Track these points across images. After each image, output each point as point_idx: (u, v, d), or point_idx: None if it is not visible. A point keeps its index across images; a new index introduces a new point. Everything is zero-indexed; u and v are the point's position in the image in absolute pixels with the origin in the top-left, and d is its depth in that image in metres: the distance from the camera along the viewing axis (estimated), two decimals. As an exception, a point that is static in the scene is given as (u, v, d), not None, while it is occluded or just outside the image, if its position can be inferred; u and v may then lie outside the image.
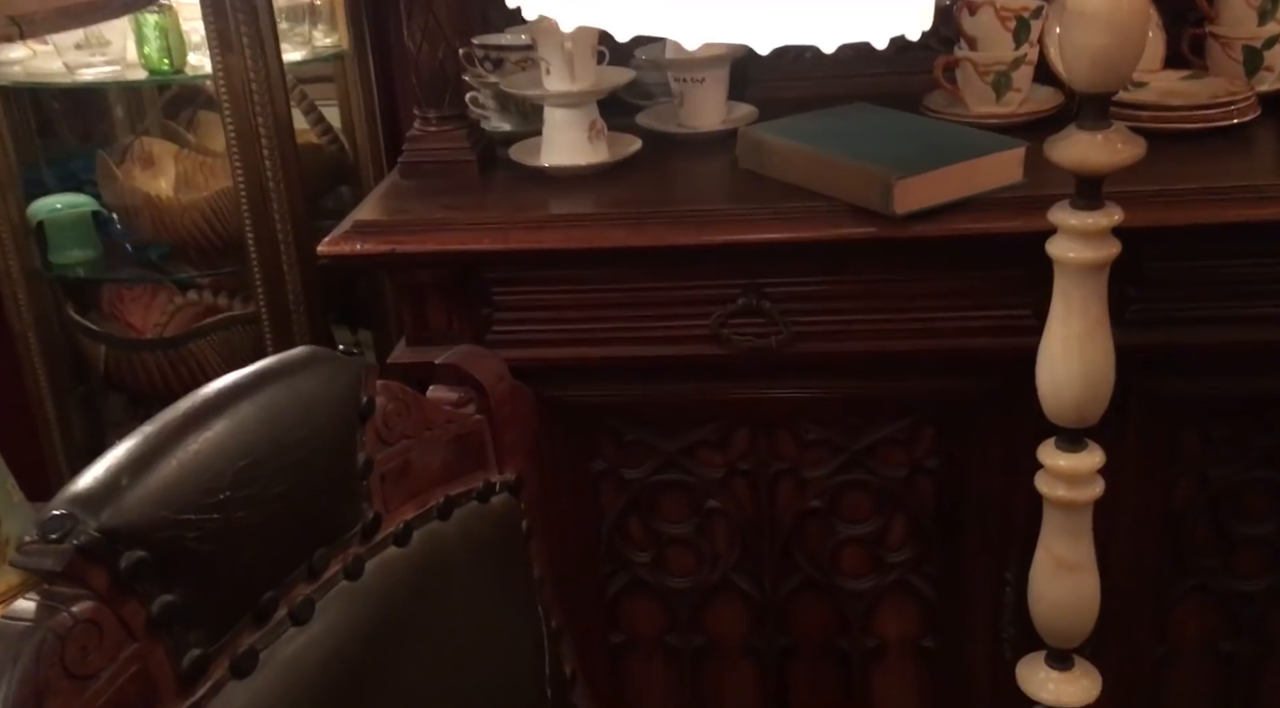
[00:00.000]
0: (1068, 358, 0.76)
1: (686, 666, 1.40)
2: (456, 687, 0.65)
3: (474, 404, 0.74)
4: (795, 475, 1.30)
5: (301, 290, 1.60)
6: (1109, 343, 0.78)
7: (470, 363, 0.74)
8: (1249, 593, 1.27)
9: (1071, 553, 0.79)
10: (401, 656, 0.62)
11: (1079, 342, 0.76)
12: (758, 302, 1.14)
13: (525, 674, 0.72)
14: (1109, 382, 0.79)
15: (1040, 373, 0.81)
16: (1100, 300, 0.77)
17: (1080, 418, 0.78)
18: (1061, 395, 0.78)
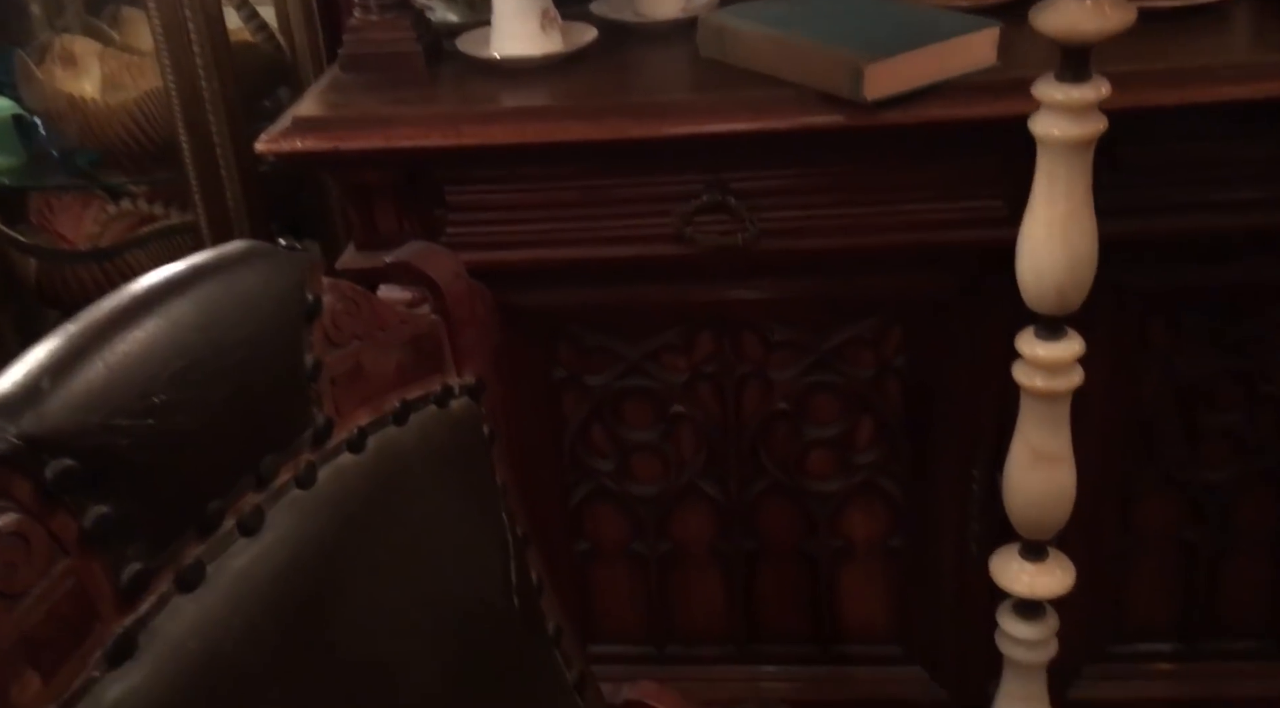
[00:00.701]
0: (1050, 242, 0.73)
1: (653, 572, 1.39)
2: (419, 596, 0.62)
3: (428, 304, 0.69)
4: (761, 378, 1.28)
5: (242, 197, 1.53)
6: (1093, 225, 0.75)
7: (423, 260, 0.69)
8: (1214, 483, 1.27)
9: (1049, 444, 0.77)
10: (360, 565, 0.59)
11: (1063, 224, 0.73)
12: (723, 197, 1.09)
13: (491, 582, 0.69)
14: (1092, 266, 0.77)
15: (1021, 258, 0.77)
16: (1085, 180, 0.74)
17: (1062, 304, 0.76)
18: (1043, 281, 0.75)
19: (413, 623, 0.62)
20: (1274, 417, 1.23)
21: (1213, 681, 1.37)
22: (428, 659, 0.63)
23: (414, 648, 0.62)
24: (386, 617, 0.60)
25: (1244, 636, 1.35)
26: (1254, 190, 1.06)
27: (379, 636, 0.59)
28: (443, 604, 0.64)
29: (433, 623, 0.63)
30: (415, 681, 0.61)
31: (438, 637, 0.64)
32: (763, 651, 1.43)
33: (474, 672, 0.66)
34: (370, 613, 0.59)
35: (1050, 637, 0.84)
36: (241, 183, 1.54)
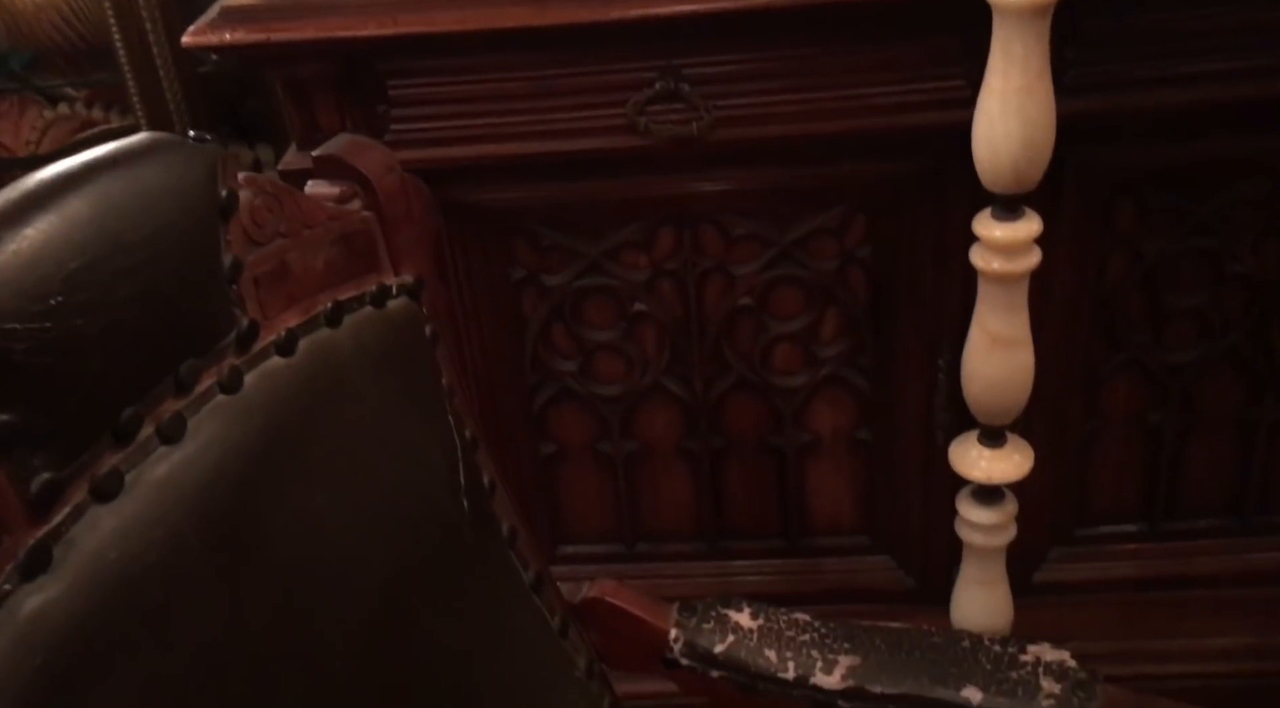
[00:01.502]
0: (1005, 116, 0.70)
1: (620, 472, 1.39)
2: (360, 500, 0.60)
3: (359, 200, 0.66)
4: (723, 273, 1.25)
5: (183, 100, 1.48)
6: (1050, 99, 0.72)
7: (352, 153, 0.66)
8: (1178, 365, 1.27)
9: (1007, 328, 0.76)
10: (293, 471, 0.57)
11: (1018, 97, 0.70)
12: (676, 85, 1.05)
13: (437, 486, 0.67)
14: (1049, 141, 0.74)
15: (976, 134, 0.75)
16: (1042, 50, 0.71)
17: (1018, 182, 0.73)
18: (999, 157, 0.72)
19: (353, 527, 0.60)
20: (1240, 296, 1.22)
21: (1177, 559, 1.39)
22: (371, 563, 0.61)
23: (356, 552, 0.60)
24: (325, 522, 0.59)
25: (1207, 514, 1.37)
26: (1224, 61, 1.02)
27: (317, 541, 0.58)
28: (385, 508, 0.63)
29: (375, 527, 0.62)
30: (359, 585, 0.60)
31: (381, 540, 0.62)
32: (732, 546, 1.44)
33: (421, 574, 0.65)
34: (307, 519, 0.58)
35: (1009, 521, 0.84)
36: (182, 84, 1.48)
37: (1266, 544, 1.37)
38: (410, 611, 0.64)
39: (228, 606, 0.52)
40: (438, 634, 0.66)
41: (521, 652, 0.76)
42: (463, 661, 0.68)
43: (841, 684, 0.76)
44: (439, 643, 0.66)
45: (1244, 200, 1.16)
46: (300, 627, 0.56)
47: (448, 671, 0.67)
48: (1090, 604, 1.40)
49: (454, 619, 0.68)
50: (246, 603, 0.53)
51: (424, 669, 0.65)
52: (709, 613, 0.82)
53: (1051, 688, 0.72)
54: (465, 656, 0.69)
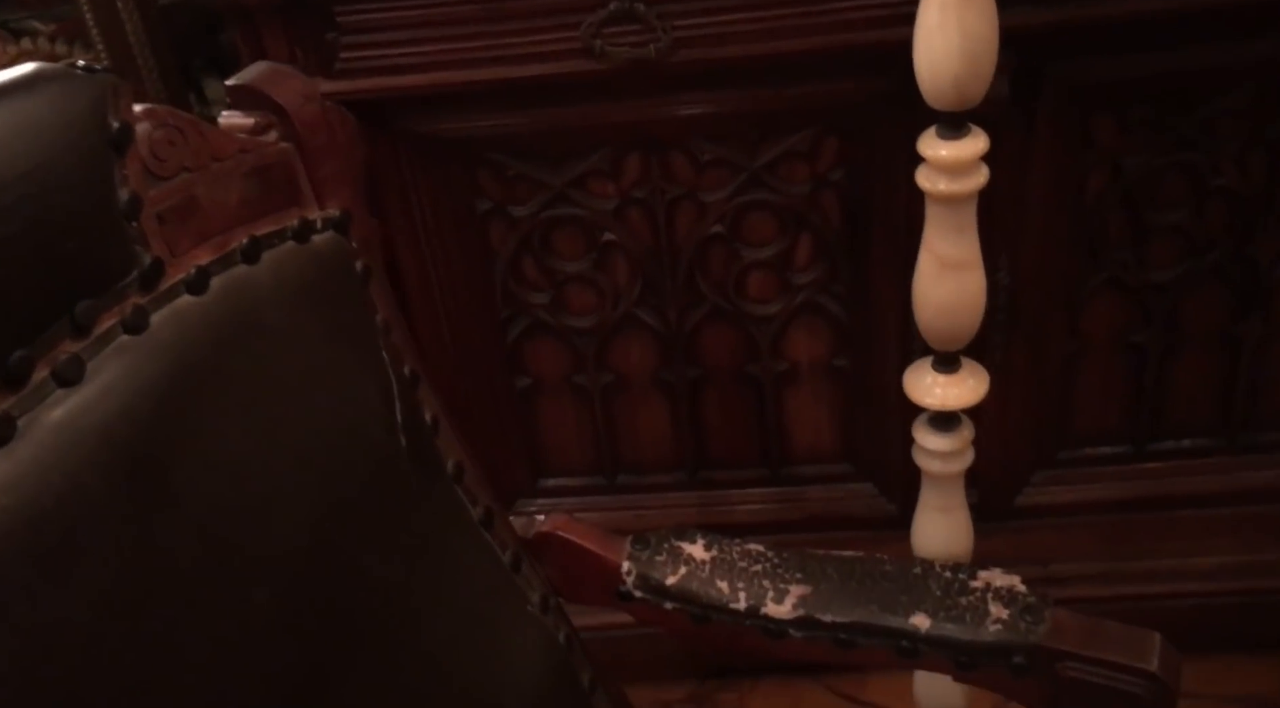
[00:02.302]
0: (944, 29, 0.67)
1: (597, 404, 1.38)
2: (281, 437, 0.59)
3: (277, 131, 0.64)
4: (693, 200, 1.23)
5: (145, 34, 1.44)
6: (991, 8, 0.69)
7: (267, 82, 0.63)
8: (1161, 283, 1.24)
9: (956, 250, 0.73)
10: (208, 410, 0.56)
11: (957, 7, 0.67)
12: (631, 5, 1.02)
13: (369, 423, 0.66)
14: (992, 54, 0.71)
15: (916, 49, 0.72)
16: (983, -47, 0.67)
17: (961, 98, 0.70)
18: (939, 73, 0.69)
19: (276, 464, 0.59)
20: (1223, 210, 1.19)
21: (1161, 480, 1.38)
22: (298, 499, 0.60)
23: (281, 489, 0.59)
24: (245, 460, 0.57)
25: (1193, 434, 1.35)
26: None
27: (237, 479, 0.57)
28: (312, 444, 0.62)
29: (301, 463, 0.61)
30: (285, 522, 0.59)
31: (308, 477, 0.61)
32: (713, 476, 1.43)
33: (354, 509, 0.64)
34: (224, 457, 0.56)
35: (966, 447, 0.82)
36: (142, 17, 1.45)
37: (1253, 462, 1.35)
38: (343, 546, 0.63)
39: (137, 547, 0.51)
40: (375, 569, 0.65)
41: (470, 587, 0.76)
42: (403, 595, 0.68)
43: (792, 614, 0.76)
44: (376, 577, 0.65)
45: (1227, 111, 1.12)
46: (221, 565, 0.55)
47: (386, 605, 0.66)
48: (1075, 526, 1.40)
49: (393, 554, 0.67)
50: (160, 544, 0.53)
51: (360, 604, 0.64)
52: (662, 545, 0.81)
53: (1000, 613, 0.71)
54: (406, 590, 0.68)
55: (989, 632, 0.70)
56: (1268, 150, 1.14)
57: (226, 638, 0.55)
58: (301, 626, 0.60)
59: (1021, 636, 0.69)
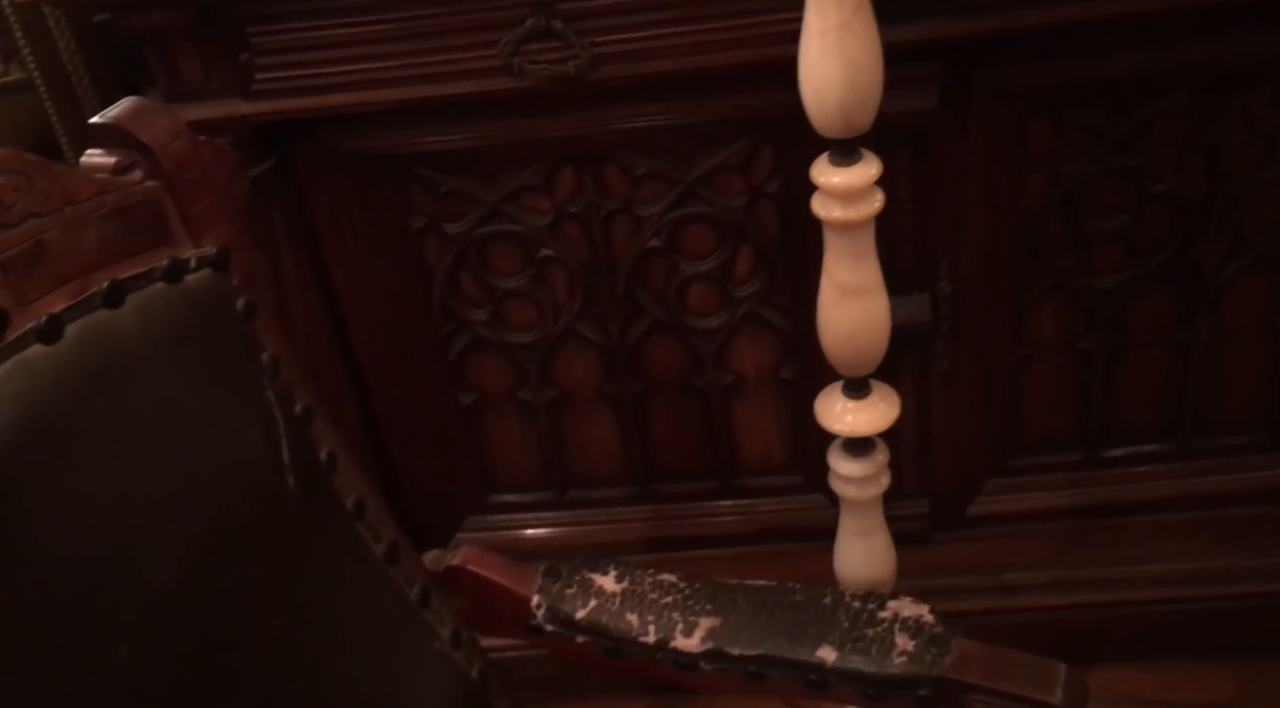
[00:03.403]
0: (825, 58, 0.65)
1: (543, 419, 1.36)
2: (148, 485, 0.58)
3: (142, 170, 0.62)
4: (630, 214, 1.21)
5: (78, 51, 1.42)
6: (872, 35, 0.67)
7: (131, 120, 0.61)
8: (1105, 289, 1.22)
9: (855, 277, 0.72)
10: (62, 461, 0.54)
11: (837, 37, 0.65)
12: (548, 22, 1.00)
13: (250, 465, 0.64)
14: (876, 81, 0.69)
15: (801, 80, 0.70)
16: (860, -21, 0.65)
17: (848, 126, 0.68)
18: (824, 102, 0.67)
19: (141, 516, 0.58)
20: (1164, 215, 1.17)
21: (1113, 486, 1.36)
22: (167, 551, 0.59)
23: (147, 540, 0.58)
24: (103, 514, 0.56)
25: (1142, 439, 1.34)
26: (1122, -28, 0.97)
27: (95, 534, 0.55)
28: (182, 493, 0.60)
29: (170, 514, 0.59)
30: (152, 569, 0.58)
31: (179, 527, 0.60)
32: (664, 490, 1.42)
33: (231, 554, 0.62)
34: (79, 513, 0.55)
35: (880, 472, 0.81)
36: (75, 35, 1.42)
37: (1204, 467, 1.34)
38: (221, 592, 0.61)
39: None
40: (258, 614, 0.64)
41: (373, 626, 0.74)
42: (293, 639, 0.66)
43: (701, 647, 0.74)
44: (260, 623, 0.64)
45: (1162, 115, 1.11)
46: (79, 620, 0.54)
47: (273, 651, 0.65)
48: (1028, 535, 1.38)
49: (280, 598, 0.66)
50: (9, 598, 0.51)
51: (241, 651, 0.63)
52: (573, 577, 0.80)
53: (905, 645, 0.69)
54: (296, 634, 0.66)
55: (894, 664, 0.69)
56: (1205, 153, 1.13)
57: (85, 695, 0.54)
58: (173, 676, 0.58)
59: (927, 668, 0.68)
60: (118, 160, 0.61)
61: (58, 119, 1.44)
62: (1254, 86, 1.08)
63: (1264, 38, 1.04)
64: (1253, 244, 1.18)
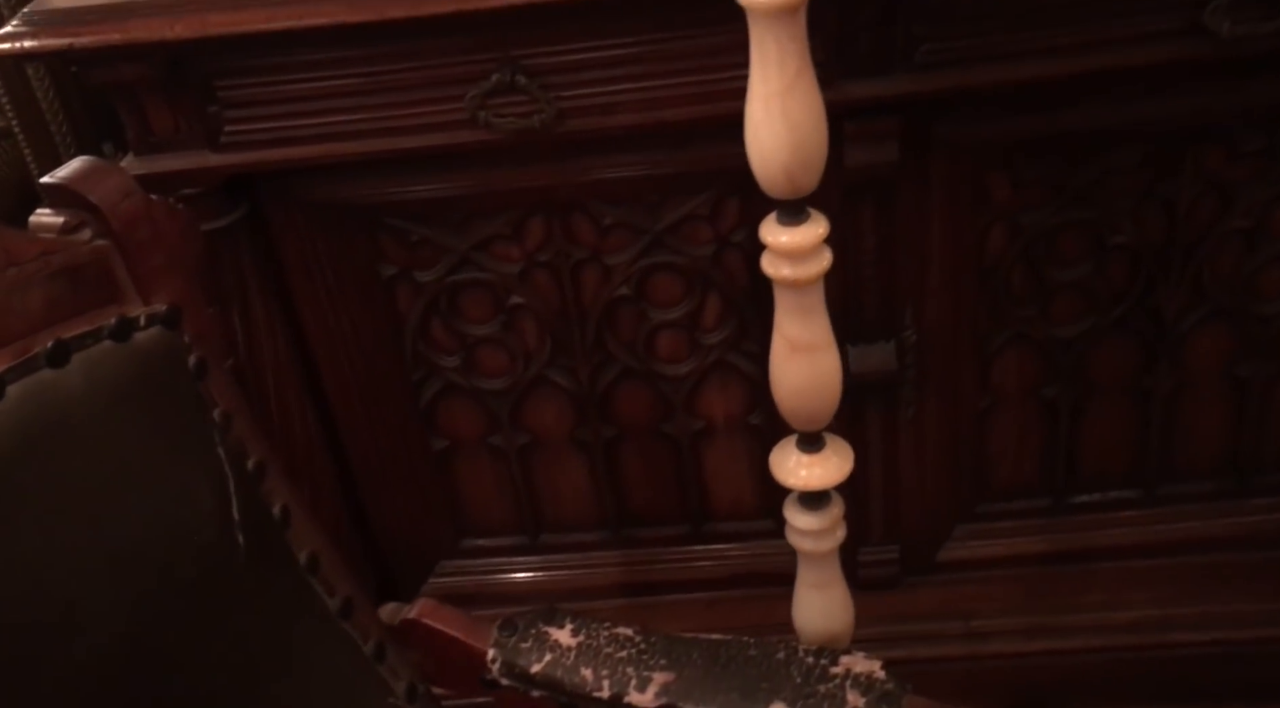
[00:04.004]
0: (769, 121, 0.67)
1: (515, 465, 1.37)
2: (89, 545, 0.58)
3: (91, 229, 0.63)
4: (598, 262, 1.22)
5: (57, 99, 1.44)
6: (815, 99, 0.69)
7: (81, 181, 0.63)
8: (1067, 338, 1.24)
9: (805, 334, 0.73)
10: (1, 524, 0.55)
11: (780, 100, 0.66)
12: (513, 77, 1.02)
13: (197, 523, 0.65)
14: (820, 143, 0.70)
15: (747, 141, 0.71)
16: (799, 49, 0.67)
17: (793, 188, 0.70)
18: (769, 164, 0.69)
19: (80, 577, 0.58)
20: (1124, 266, 1.19)
21: (1080, 532, 1.37)
22: (107, 610, 0.59)
23: (86, 600, 0.58)
24: (40, 574, 0.56)
25: (1108, 486, 1.35)
26: (1076, 34, 0.98)
27: (30, 594, 0.55)
28: (125, 552, 0.60)
29: (112, 573, 0.60)
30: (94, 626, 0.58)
31: (121, 586, 0.60)
32: (636, 534, 1.42)
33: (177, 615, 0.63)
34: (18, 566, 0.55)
35: (836, 525, 0.82)
36: (55, 86, 1.44)
37: (1171, 514, 1.35)
38: (165, 650, 0.62)
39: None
40: (203, 672, 0.64)
41: (326, 681, 0.74)
42: (241, 696, 0.66)
43: (655, 703, 0.75)
44: (205, 681, 0.64)
45: (1117, 168, 1.13)
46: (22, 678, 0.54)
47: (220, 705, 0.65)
48: (996, 580, 1.39)
49: (227, 654, 0.66)
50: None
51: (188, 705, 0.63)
52: (529, 631, 0.80)
53: (856, 701, 0.70)
54: (245, 691, 0.67)
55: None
56: (1162, 206, 1.14)
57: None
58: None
59: (875, 725, 0.68)
60: (65, 220, 0.62)
61: (36, 168, 1.45)
62: (1206, 141, 1.10)
63: (1213, 95, 1.06)
64: (1211, 294, 1.19)
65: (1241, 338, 1.22)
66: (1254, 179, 1.12)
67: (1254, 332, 1.22)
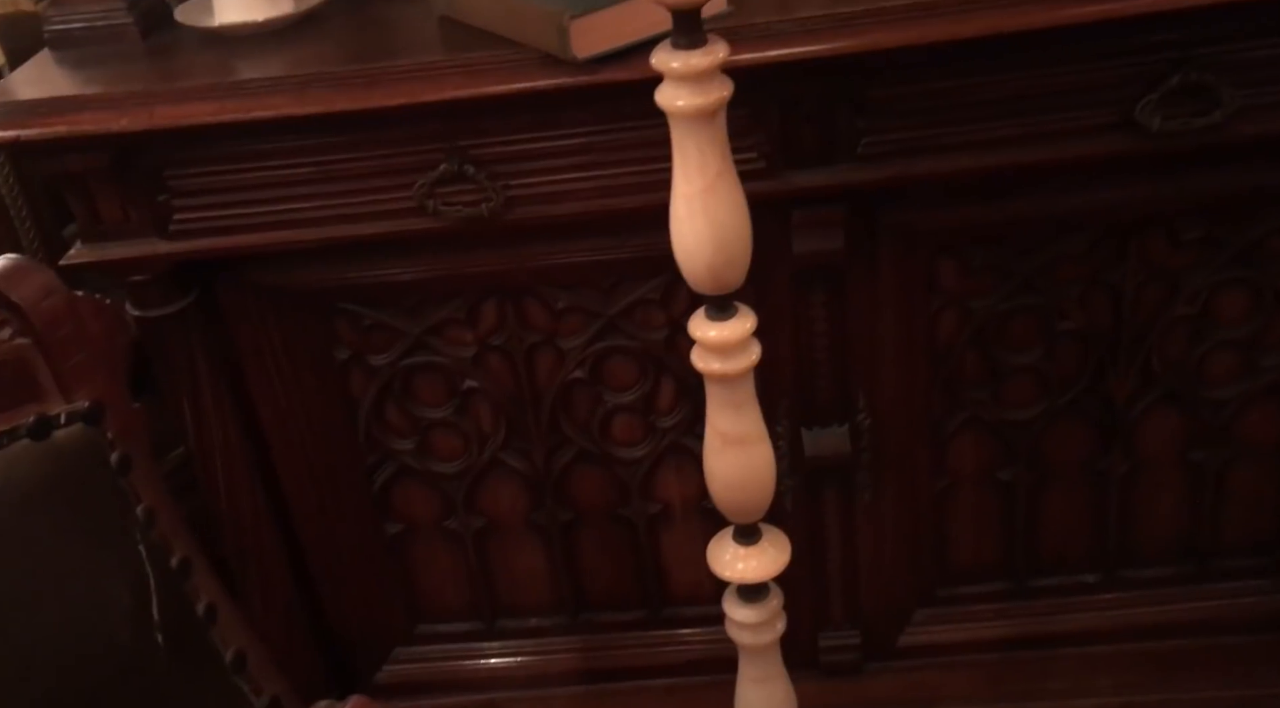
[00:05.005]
0: (692, 220, 0.68)
1: (470, 549, 1.35)
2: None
3: (11, 328, 0.63)
4: (552, 346, 1.23)
5: (17, 184, 1.44)
6: (737, 198, 0.70)
7: (3, 280, 0.62)
8: (1021, 422, 1.24)
9: (736, 427, 0.73)
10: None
11: (702, 200, 0.67)
12: (460, 167, 1.03)
13: (113, 623, 0.64)
14: (743, 240, 0.71)
15: (672, 238, 0.72)
16: (719, 151, 0.68)
17: (718, 284, 0.70)
18: (694, 261, 0.69)
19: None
20: (1073, 350, 1.20)
21: (1041, 617, 1.36)
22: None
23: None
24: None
25: (1068, 569, 1.34)
26: (1009, 127, 1.00)
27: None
28: (35, 653, 0.59)
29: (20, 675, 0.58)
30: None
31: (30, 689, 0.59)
32: (594, 619, 1.41)
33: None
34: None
35: (775, 617, 0.81)
36: (18, 179, 1.45)
37: (1132, 599, 1.34)
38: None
39: None
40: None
41: (248, 784, 0.72)
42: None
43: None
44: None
45: (1064, 256, 1.14)
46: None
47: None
48: (958, 667, 1.37)
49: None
50: None
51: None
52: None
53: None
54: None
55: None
56: (1109, 293, 1.16)
57: None
58: None
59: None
60: (-12, 321, 0.62)
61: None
62: (1148, 230, 1.11)
63: (1151, 185, 1.07)
64: (1161, 380, 1.20)
65: (1193, 423, 1.23)
66: (1196, 267, 1.13)
67: (1205, 417, 1.22)
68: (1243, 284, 1.15)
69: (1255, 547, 1.30)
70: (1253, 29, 0.95)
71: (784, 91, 1.01)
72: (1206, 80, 0.96)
